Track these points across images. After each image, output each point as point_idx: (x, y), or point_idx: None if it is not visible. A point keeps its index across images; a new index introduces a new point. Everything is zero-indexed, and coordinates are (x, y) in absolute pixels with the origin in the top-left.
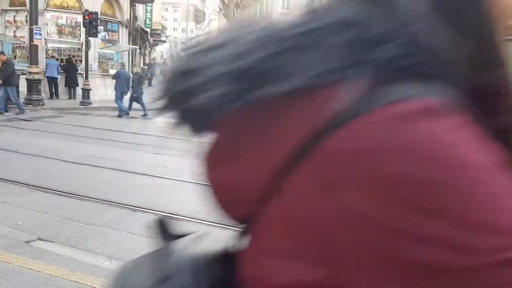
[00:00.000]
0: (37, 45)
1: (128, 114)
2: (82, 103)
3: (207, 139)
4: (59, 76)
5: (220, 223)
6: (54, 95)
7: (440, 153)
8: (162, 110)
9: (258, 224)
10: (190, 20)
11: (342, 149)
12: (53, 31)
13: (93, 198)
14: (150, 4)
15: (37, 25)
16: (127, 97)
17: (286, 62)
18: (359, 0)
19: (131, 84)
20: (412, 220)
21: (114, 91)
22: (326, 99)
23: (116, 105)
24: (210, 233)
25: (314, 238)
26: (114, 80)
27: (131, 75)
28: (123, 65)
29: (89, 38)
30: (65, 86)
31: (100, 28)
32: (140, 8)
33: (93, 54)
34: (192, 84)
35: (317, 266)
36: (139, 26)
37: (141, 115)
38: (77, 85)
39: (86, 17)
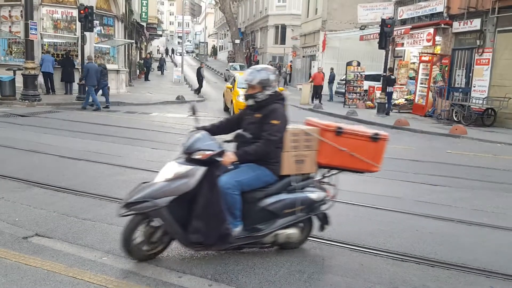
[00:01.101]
0: (33, 40)
1: (100, 108)
2: (78, 98)
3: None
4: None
5: None
6: (50, 91)
7: None
8: None
9: None
10: (186, 13)
11: None
12: (49, 26)
13: (90, 194)
14: None
15: (33, 20)
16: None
17: None
18: None
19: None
20: None
21: (86, 86)
22: None
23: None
24: None
25: None
26: (86, 74)
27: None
28: (89, 58)
29: (85, 33)
30: (61, 81)
31: (96, 22)
32: (135, 2)
33: (88, 48)
34: None
35: None
36: (135, 20)
37: (103, 107)
38: (74, 81)
39: (82, 11)
